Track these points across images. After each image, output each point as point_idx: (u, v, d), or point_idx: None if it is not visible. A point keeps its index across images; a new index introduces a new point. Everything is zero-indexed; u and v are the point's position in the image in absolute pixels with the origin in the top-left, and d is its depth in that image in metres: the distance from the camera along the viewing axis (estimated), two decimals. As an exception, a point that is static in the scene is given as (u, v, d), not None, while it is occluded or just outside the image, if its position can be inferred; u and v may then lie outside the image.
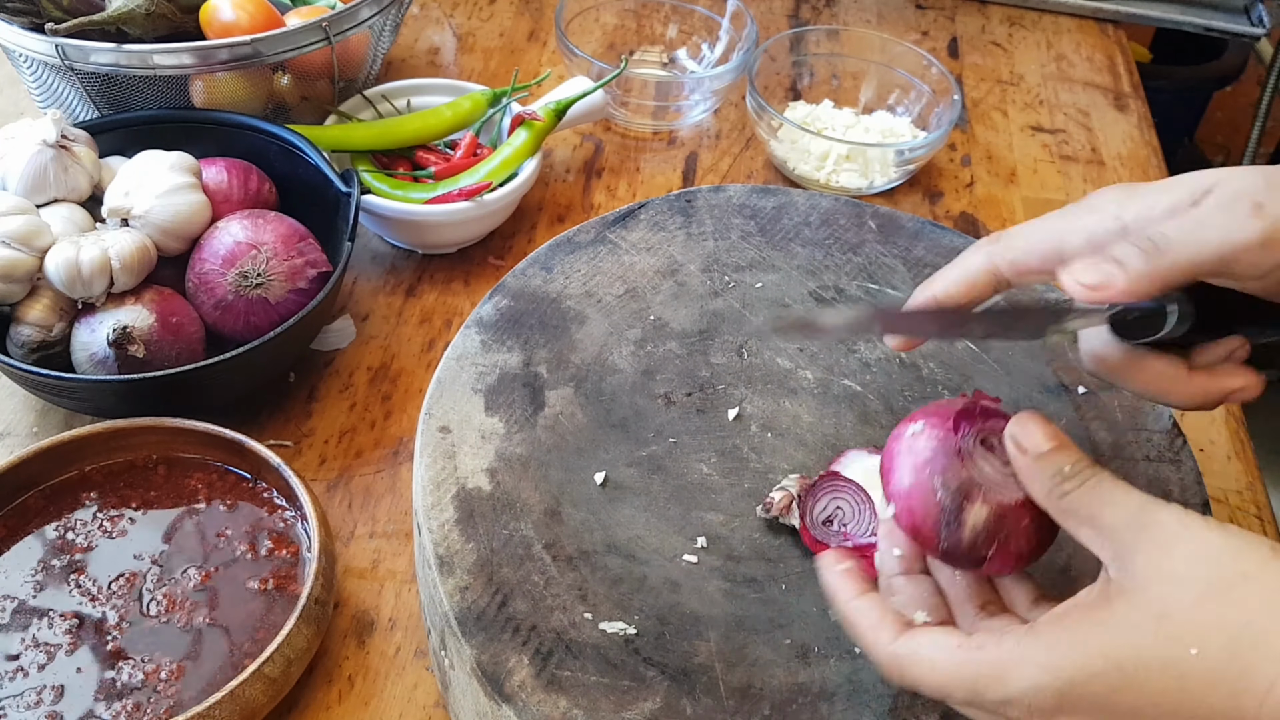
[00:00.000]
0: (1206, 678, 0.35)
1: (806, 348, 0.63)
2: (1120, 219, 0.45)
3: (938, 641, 0.41)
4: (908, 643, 0.42)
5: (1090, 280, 0.43)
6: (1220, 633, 0.35)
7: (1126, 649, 0.37)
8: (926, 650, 0.41)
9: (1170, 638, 0.36)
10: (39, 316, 0.66)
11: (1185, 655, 0.36)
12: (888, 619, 0.43)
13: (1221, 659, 0.35)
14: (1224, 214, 0.42)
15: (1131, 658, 0.36)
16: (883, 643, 0.42)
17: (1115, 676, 0.37)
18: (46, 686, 0.55)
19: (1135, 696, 0.36)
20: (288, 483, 0.61)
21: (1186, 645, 0.36)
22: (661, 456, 0.57)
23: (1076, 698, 0.37)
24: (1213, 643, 0.35)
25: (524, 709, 0.46)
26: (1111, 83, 1.11)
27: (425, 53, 1.06)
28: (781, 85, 1.02)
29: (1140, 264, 0.42)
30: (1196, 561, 0.37)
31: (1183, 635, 0.36)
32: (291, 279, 0.69)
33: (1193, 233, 0.42)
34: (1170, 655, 0.36)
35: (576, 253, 0.67)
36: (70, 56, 0.74)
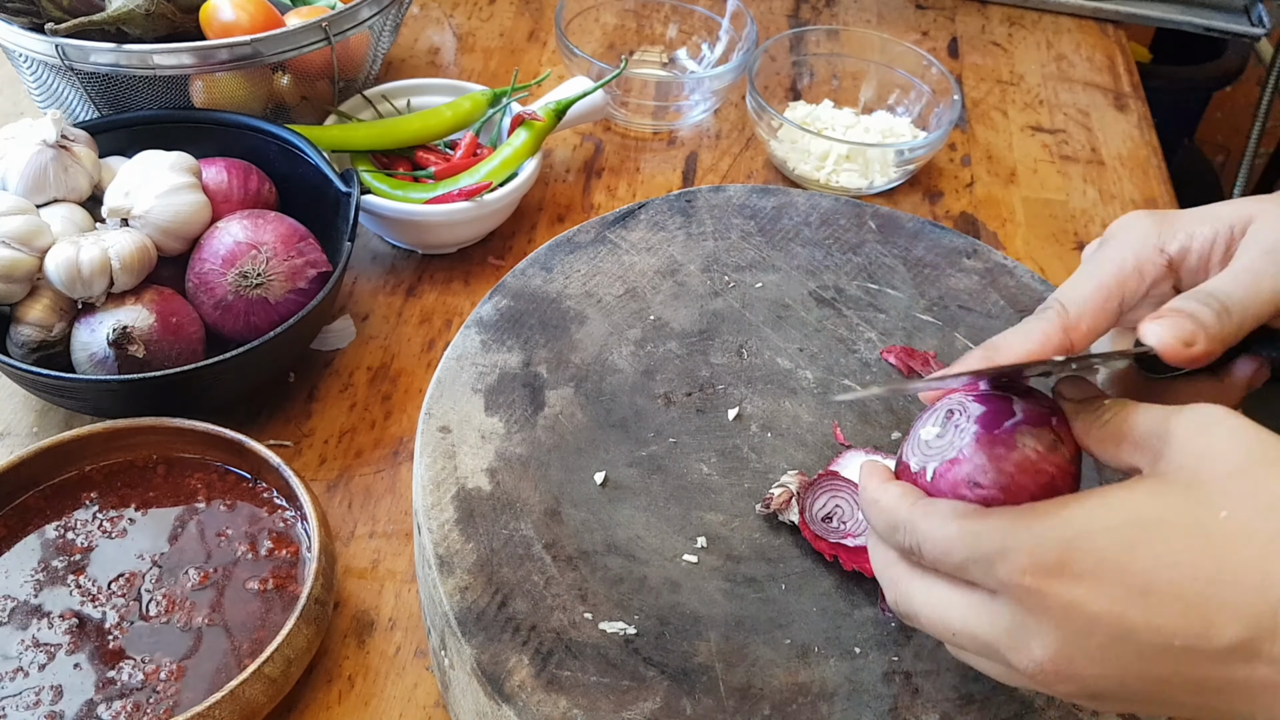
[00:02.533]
0: (1232, 540, 0.34)
1: (806, 347, 0.63)
2: (1165, 254, 0.46)
3: (957, 505, 0.40)
4: (925, 504, 0.40)
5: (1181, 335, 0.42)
6: (1253, 500, 0.34)
7: (1150, 507, 0.35)
8: (945, 506, 0.40)
9: (1199, 500, 0.35)
10: (39, 316, 0.66)
11: (1214, 516, 0.34)
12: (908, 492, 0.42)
13: (1254, 522, 0.34)
14: (1273, 263, 0.43)
15: (1154, 514, 0.35)
16: (903, 507, 0.41)
17: (1132, 532, 0.35)
18: (46, 686, 0.55)
19: (1152, 555, 0.35)
20: (288, 483, 0.61)
21: (1216, 508, 0.34)
22: (661, 456, 0.57)
23: (1085, 552, 0.35)
24: (1245, 507, 0.34)
25: (524, 709, 0.46)
26: (1111, 83, 1.11)
27: (425, 53, 1.06)
28: (781, 85, 1.02)
29: (1215, 328, 0.42)
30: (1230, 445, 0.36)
31: (1213, 498, 0.35)
32: (291, 279, 0.69)
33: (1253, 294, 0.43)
34: (1198, 515, 0.34)
35: (576, 253, 0.67)
36: (70, 56, 0.74)
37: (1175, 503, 0.35)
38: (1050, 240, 0.92)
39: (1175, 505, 0.35)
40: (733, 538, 0.54)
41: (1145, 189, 0.99)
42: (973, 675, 0.49)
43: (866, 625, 0.51)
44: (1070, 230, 0.93)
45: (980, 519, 0.38)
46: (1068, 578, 0.35)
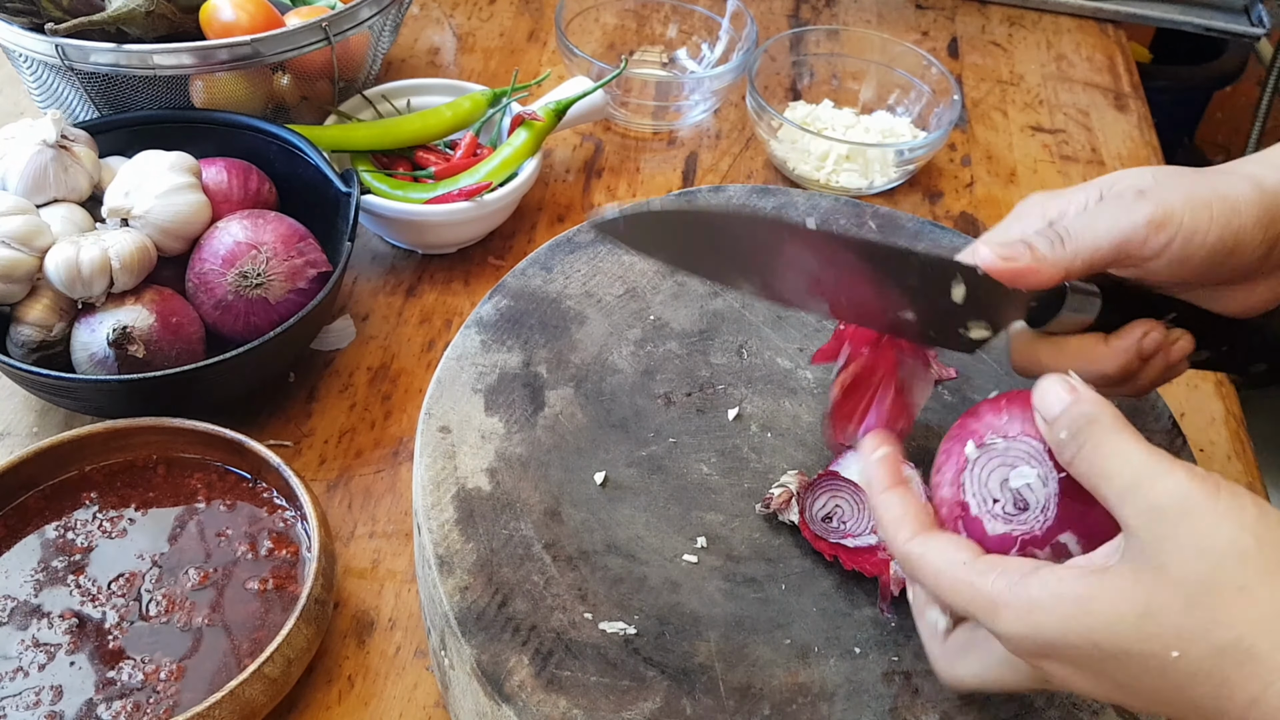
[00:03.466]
0: (1187, 677, 0.35)
1: (806, 347, 0.63)
2: (1044, 218, 0.50)
3: (946, 553, 0.41)
4: (919, 545, 0.42)
5: (1003, 252, 0.47)
6: (1205, 643, 0.35)
7: (1105, 635, 0.36)
8: (934, 559, 0.42)
9: (1152, 637, 0.36)
10: (39, 316, 0.66)
11: (1167, 655, 0.35)
12: (909, 517, 0.43)
13: (1204, 667, 0.35)
14: (1114, 203, 0.48)
15: (1110, 643, 0.36)
16: (900, 539, 0.43)
17: (1094, 652, 0.37)
18: (46, 686, 0.55)
19: (1118, 671, 0.37)
20: (288, 483, 0.61)
21: (1169, 647, 0.35)
22: (661, 456, 0.57)
23: (1060, 654, 0.38)
24: (1196, 650, 0.35)
25: (524, 709, 0.46)
26: (1111, 83, 1.11)
27: (425, 53, 1.06)
28: (781, 85, 1.02)
29: (1046, 250, 0.47)
30: (1190, 560, 0.36)
31: (1165, 637, 0.35)
32: (291, 279, 0.69)
33: (1089, 224, 0.47)
34: (1151, 651, 0.36)
35: (576, 253, 0.67)
36: (70, 56, 0.74)
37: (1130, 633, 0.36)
38: (1050, 240, 0.92)
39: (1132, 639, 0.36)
40: (733, 538, 0.54)
41: (1145, 189, 0.99)
42: (973, 675, 0.49)
43: (866, 625, 0.51)
44: (1070, 230, 0.93)
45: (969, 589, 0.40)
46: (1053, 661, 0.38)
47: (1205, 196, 0.47)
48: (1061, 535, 0.42)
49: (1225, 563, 0.35)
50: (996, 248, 0.47)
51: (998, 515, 0.43)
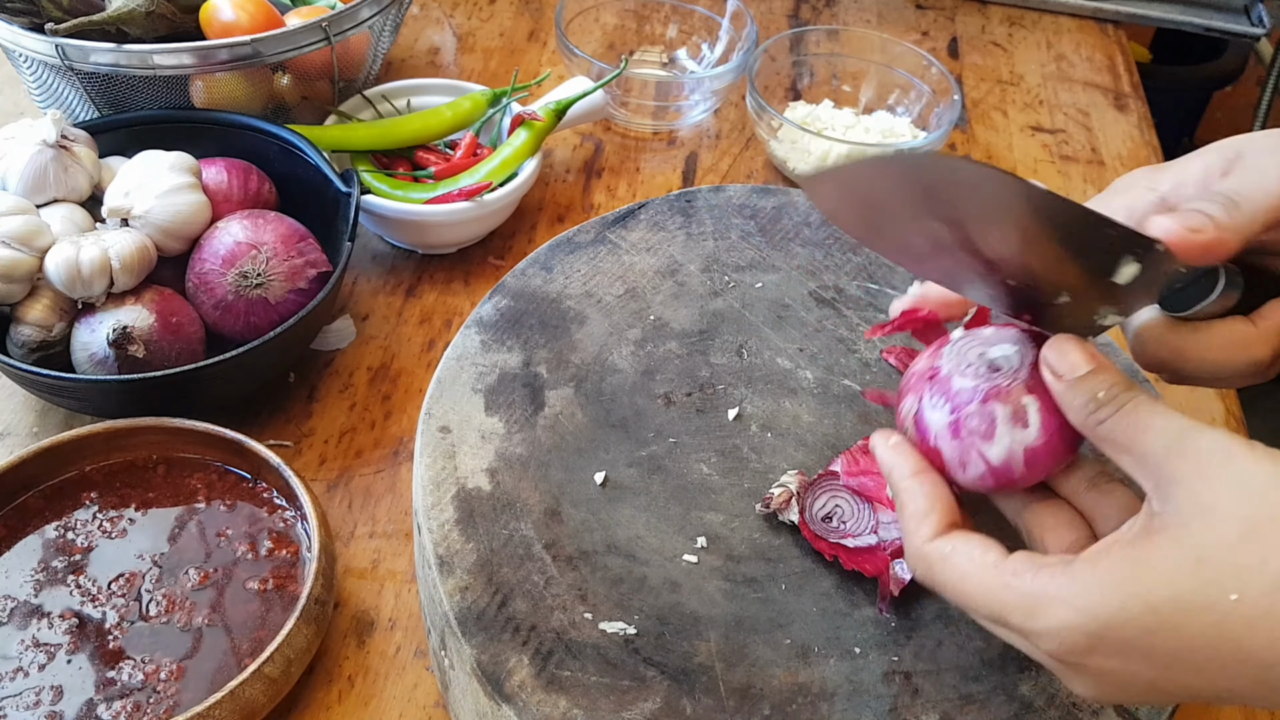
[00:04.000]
0: (1246, 623, 0.34)
1: (806, 347, 0.63)
2: (1156, 191, 0.46)
3: (974, 554, 0.40)
4: (943, 545, 0.40)
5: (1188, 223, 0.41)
6: (1262, 576, 0.34)
7: (1164, 592, 0.35)
8: (960, 559, 0.40)
9: (1209, 582, 0.35)
10: (39, 316, 0.66)
11: (1225, 600, 0.34)
12: (935, 513, 0.41)
13: (1263, 605, 0.34)
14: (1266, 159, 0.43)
15: (1169, 601, 0.35)
16: (920, 536, 0.41)
17: (1151, 620, 0.36)
18: (46, 687, 0.55)
19: (1171, 640, 0.35)
20: (288, 483, 0.61)
21: (1226, 590, 0.34)
22: (661, 456, 0.57)
23: (1110, 640, 0.36)
24: (1254, 587, 0.34)
25: (524, 709, 0.46)
26: (1111, 83, 1.11)
27: (425, 53, 1.06)
28: (781, 85, 1.02)
29: (1225, 217, 0.42)
30: (1239, 497, 0.35)
31: (1222, 579, 0.35)
32: (291, 279, 0.69)
33: (1258, 184, 0.43)
34: (1209, 600, 0.35)
35: (576, 253, 0.67)
36: (70, 56, 0.74)
37: (1187, 586, 0.35)
38: (1050, 240, 0.92)
39: (1187, 589, 0.35)
40: (733, 538, 0.54)
41: (1145, 189, 0.99)
42: (973, 675, 0.49)
43: (866, 625, 0.51)
44: (1070, 230, 0.93)
45: (1004, 583, 0.39)
46: (1099, 655, 0.37)
47: None
48: (1025, 398, 0.41)
49: (1269, 494, 0.35)
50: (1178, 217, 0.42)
51: (967, 374, 0.43)
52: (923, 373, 0.45)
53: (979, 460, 0.43)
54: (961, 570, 0.40)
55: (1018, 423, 0.42)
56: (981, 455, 0.42)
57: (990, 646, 0.50)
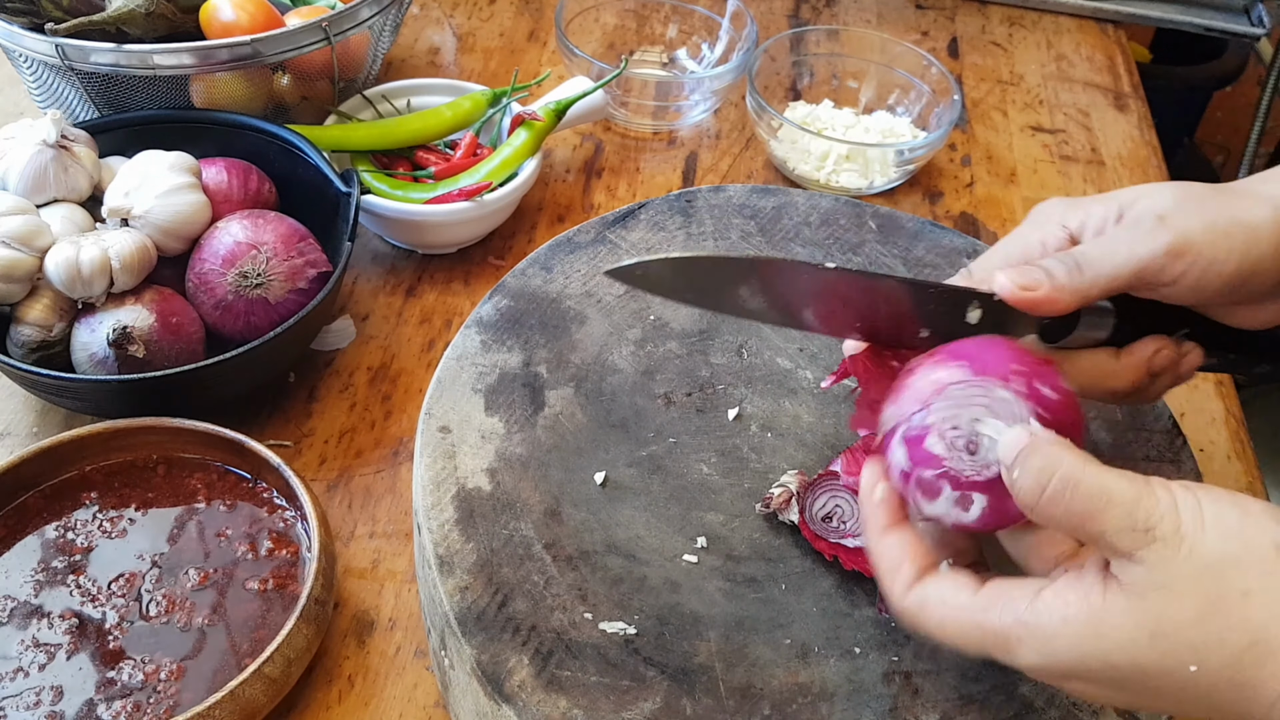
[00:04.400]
0: (1208, 688, 0.36)
1: (806, 347, 0.63)
2: (1066, 228, 0.50)
3: (946, 597, 0.41)
4: (918, 594, 0.42)
5: (1022, 281, 0.46)
6: (1221, 651, 0.35)
7: (1121, 657, 0.37)
8: (935, 608, 0.41)
9: (1167, 654, 0.36)
10: (39, 316, 0.66)
11: (1184, 670, 0.36)
12: (907, 563, 0.42)
13: (1224, 675, 0.35)
14: (1132, 230, 0.47)
15: (1128, 664, 0.37)
16: (896, 593, 0.42)
17: (1113, 674, 0.37)
18: (46, 687, 0.55)
19: (1137, 684, 0.37)
20: (288, 483, 0.61)
21: (1185, 663, 0.36)
22: (661, 456, 0.57)
23: (1079, 677, 0.38)
24: (1213, 660, 0.35)
25: (524, 709, 0.46)
26: (1111, 83, 1.11)
27: (425, 53, 1.06)
28: (781, 85, 1.02)
29: (1064, 278, 0.46)
30: (1195, 576, 0.36)
31: (1180, 654, 0.36)
32: (291, 279, 0.69)
33: (1107, 251, 0.47)
34: (1167, 669, 0.36)
35: (576, 253, 0.67)
36: (70, 56, 0.74)
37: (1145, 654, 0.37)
38: (1050, 240, 0.92)
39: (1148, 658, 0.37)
40: (733, 538, 0.54)
41: (1145, 189, 0.99)
42: (972, 675, 0.49)
43: (866, 625, 0.51)
44: (1070, 230, 0.93)
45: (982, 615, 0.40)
46: (1076, 683, 0.39)
47: (1225, 224, 0.46)
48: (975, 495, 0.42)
49: (1225, 573, 0.36)
50: (1015, 275, 0.46)
51: (945, 437, 0.42)
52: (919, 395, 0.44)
53: (916, 509, 0.43)
54: (938, 616, 0.41)
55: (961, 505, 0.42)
56: (918, 507, 0.43)
57: (990, 646, 0.50)
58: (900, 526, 0.44)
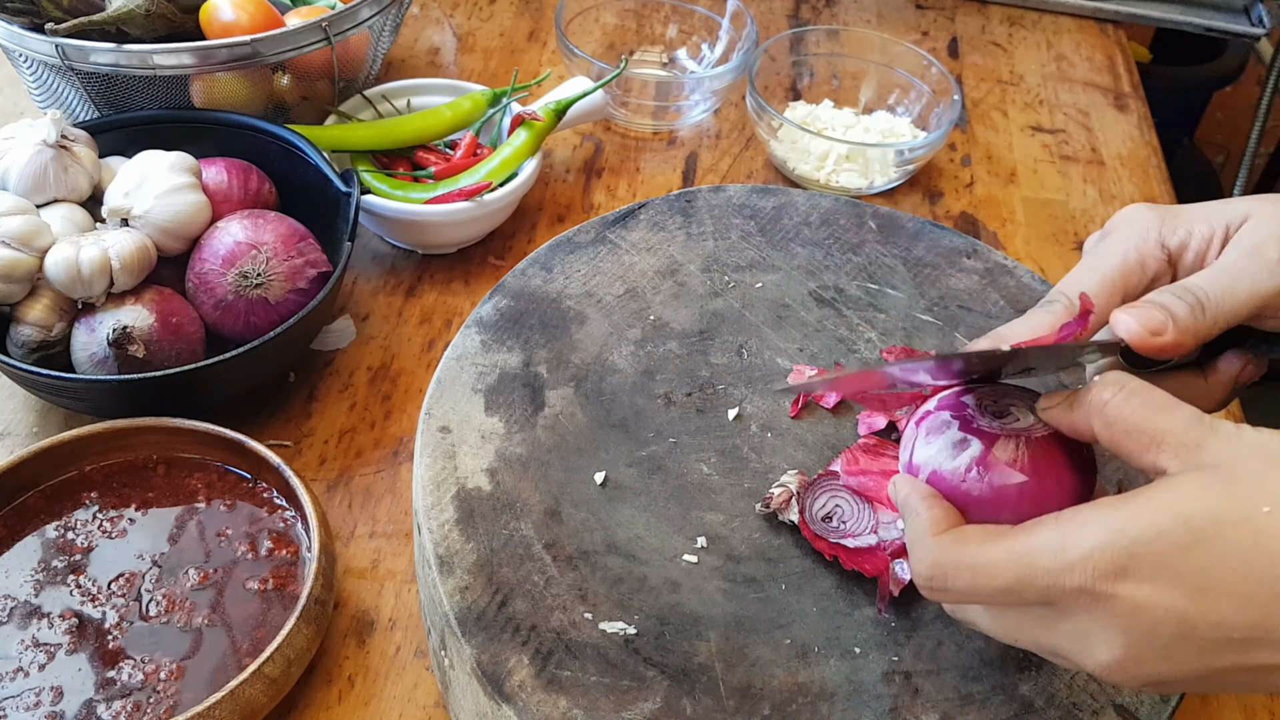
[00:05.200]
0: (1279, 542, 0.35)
1: (806, 347, 0.63)
2: (1166, 247, 0.48)
3: (989, 530, 0.40)
4: (956, 534, 0.41)
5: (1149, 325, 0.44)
6: None
7: (1198, 506, 0.36)
8: (974, 534, 0.40)
9: (1241, 497, 0.36)
10: (39, 316, 0.66)
11: (1258, 512, 0.35)
12: (945, 520, 0.42)
13: None
14: (1253, 264, 0.45)
15: (1203, 513, 0.36)
16: (930, 532, 0.41)
17: (1185, 534, 0.36)
18: (46, 687, 0.55)
19: (1206, 555, 0.36)
20: (288, 483, 0.61)
21: (1259, 504, 0.35)
22: (661, 456, 0.57)
23: (1143, 557, 0.36)
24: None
25: (524, 709, 0.46)
26: (1111, 83, 1.11)
27: (425, 53, 1.06)
28: (781, 85, 1.02)
29: (1188, 320, 0.44)
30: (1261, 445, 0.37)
31: (1254, 495, 0.35)
32: (291, 279, 0.69)
33: (1229, 289, 0.45)
34: (1243, 513, 0.35)
35: (576, 253, 0.67)
36: (70, 56, 0.74)
37: (1220, 501, 0.36)
38: (1050, 240, 0.92)
39: (1220, 504, 0.36)
40: (733, 538, 0.54)
41: (1145, 189, 0.99)
42: (973, 675, 0.49)
43: (866, 625, 0.51)
44: (1070, 230, 0.93)
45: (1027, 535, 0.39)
46: (1131, 580, 0.36)
47: None
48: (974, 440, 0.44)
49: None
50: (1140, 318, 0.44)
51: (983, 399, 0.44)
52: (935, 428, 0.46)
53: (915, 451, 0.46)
54: (977, 542, 0.40)
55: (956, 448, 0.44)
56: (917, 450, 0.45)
57: (990, 646, 0.50)
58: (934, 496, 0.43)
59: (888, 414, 0.57)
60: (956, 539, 0.40)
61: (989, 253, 0.69)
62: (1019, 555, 0.38)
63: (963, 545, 0.40)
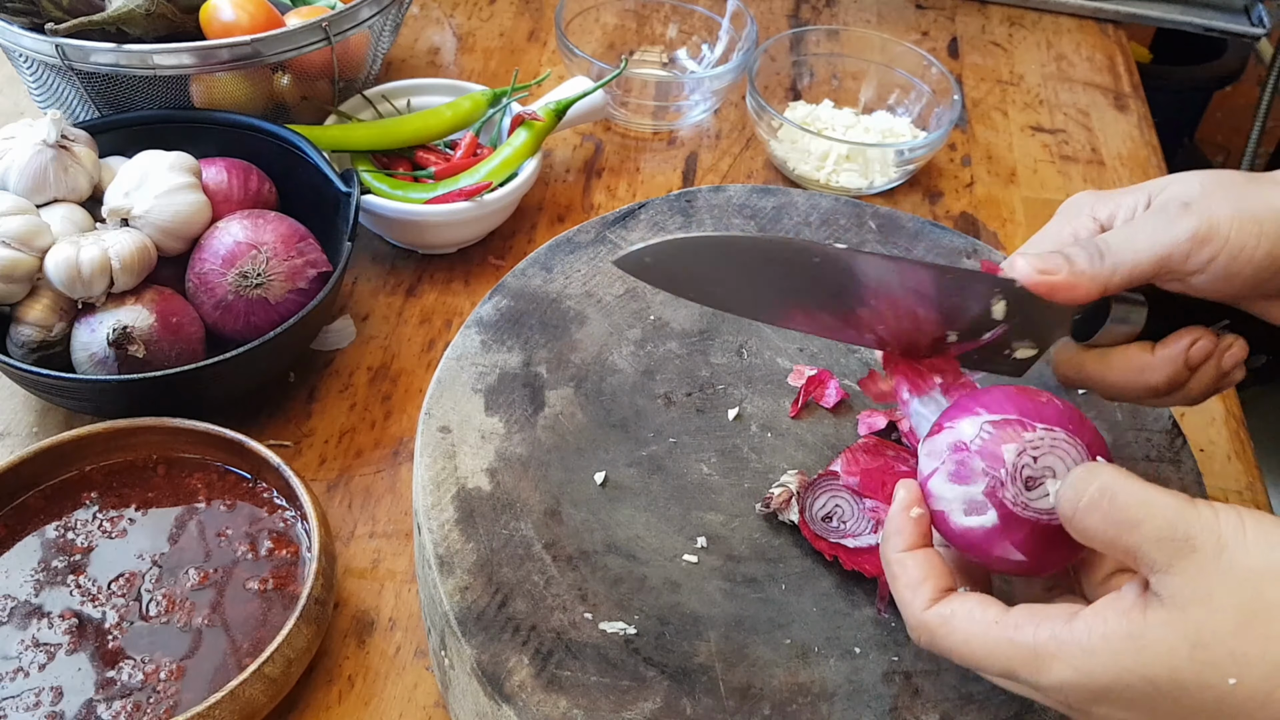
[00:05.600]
0: (1246, 704, 0.35)
1: (806, 347, 0.63)
2: (1096, 219, 0.50)
3: (974, 614, 0.40)
4: (941, 610, 0.41)
5: (1040, 265, 0.46)
6: (1262, 663, 0.35)
7: (1160, 670, 0.36)
8: (961, 622, 0.40)
9: (1207, 665, 0.35)
10: (39, 316, 0.66)
11: (1223, 684, 0.35)
12: (929, 582, 0.42)
13: (1263, 689, 0.35)
14: (1156, 217, 0.47)
15: (1168, 679, 0.36)
16: (916, 606, 0.42)
17: (1150, 690, 0.36)
18: (46, 687, 0.55)
19: (1172, 707, 0.36)
20: (288, 483, 0.61)
21: (1225, 674, 0.35)
22: (661, 456, 0.57)
23: (1111, 699, 0.37)
24: (1253, 672, 0.35)
25: (524, 709, 0.46)
26: (1111, 83, 1.11)
27: (425, 53, 1.06)
28: (781, 85, 1.02)
29: (1084, 264, 0.46)
30: (1234, 587, 0.36)
31: (1220, 664, 0.35)
32: (291, 279, 0.69)
33: (1130, 237, 0.46)
34: (1207, 682, 0.35)
35: (576, 253, 0.67)
36: (70, 56, 0.74)
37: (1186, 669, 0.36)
38: (1050, 240, 0.92)
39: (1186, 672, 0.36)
40: (733, 538, 0.54)
41: (1145, 189, 0.99)
42: (973, 675, 0.49)
43: (866, 625, 0.51)
44: (1070, 230, 0.93)
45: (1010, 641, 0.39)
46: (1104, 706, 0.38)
47: (1254, 210, 0.45)
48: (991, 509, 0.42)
49: (1267, 584, 0.35)
50: (1034, 260, 0.46)
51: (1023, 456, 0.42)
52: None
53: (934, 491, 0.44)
54: (964, 632, 0.40)
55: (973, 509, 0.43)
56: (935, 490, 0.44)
57: (990, 646, 0.50)
58: (925, 547, 0.43)
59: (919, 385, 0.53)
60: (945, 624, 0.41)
61: (989, 252, 0.69)
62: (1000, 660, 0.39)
63: (951, 634, 0.41)
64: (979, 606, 0.40)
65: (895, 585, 0.43)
